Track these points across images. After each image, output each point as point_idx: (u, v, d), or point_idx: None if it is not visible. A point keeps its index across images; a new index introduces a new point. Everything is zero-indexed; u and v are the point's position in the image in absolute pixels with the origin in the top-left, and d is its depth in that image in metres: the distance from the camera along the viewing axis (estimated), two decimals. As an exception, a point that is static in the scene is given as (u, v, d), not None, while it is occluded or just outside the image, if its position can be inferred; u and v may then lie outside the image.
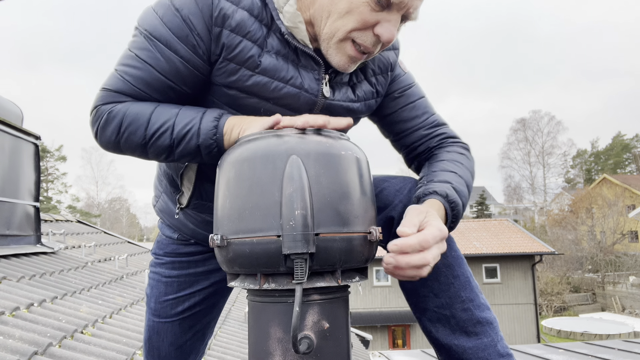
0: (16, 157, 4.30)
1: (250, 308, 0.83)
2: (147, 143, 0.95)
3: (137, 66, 0.95)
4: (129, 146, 0.96)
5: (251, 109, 0.98)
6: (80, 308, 3.10)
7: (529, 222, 42.35)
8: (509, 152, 46.66)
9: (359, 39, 0.92)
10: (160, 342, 1.31)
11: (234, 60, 0.93)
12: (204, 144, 0.93)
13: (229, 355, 3.34)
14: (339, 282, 0.79)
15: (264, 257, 0.75)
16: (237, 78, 0.95)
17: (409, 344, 19.22)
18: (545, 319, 23.74)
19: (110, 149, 0.99)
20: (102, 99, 0.97)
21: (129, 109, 0.95)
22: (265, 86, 0.95)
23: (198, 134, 0.92)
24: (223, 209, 0.81)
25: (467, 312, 1.05)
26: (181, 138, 0.93)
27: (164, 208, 1.28)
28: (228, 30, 0.92)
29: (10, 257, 3.80)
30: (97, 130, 0.97)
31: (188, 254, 1.28)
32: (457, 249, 1.09)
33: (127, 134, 0.94)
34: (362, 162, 0.83)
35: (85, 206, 42.03)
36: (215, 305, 1.36)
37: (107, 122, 0.95)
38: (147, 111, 0.95)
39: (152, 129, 0.93)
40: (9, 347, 2.11)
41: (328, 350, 0.77)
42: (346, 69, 0.98)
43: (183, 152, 0.95)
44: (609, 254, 28.93)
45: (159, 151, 0.96)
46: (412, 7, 0.91)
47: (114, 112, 0.95)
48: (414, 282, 1.07)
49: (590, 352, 4.38)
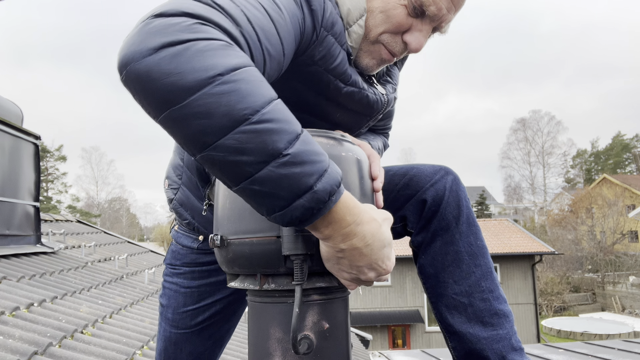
0: (16, 157, 4.30)
1: (250, 308, 0.83)
2: (249, 119, 0.57)
3: (258, 9, 0.70)
4: (217, 102, 0.56)
5: (323, 115, 0.95)
6: (80, 308, 3.10)
7: (529, 222, 42.38)
8: (509, 152, 46.76)
9: (388, 44, 0.90)
10: (177, 353, 1.25)
11: (332, 72, 0.87)
12: (319, 192, 0.61)
13: (229, 356, 3.34)
14: (339, 282, 0.79)
15: (263, 258, 0.76)
16: (330, 89, 0.89)
17: (409, 344, 19.22)
18: (545, 318, 23.75)
19: (170, 82, 0.56)
20: (214, 15, 0.62)
21: (254, 66, 0.62)
22: (351, 96, 0.92)
23: (322, 173, 0.61)
24: (223, 209, 0.81)
25: (485, 302, 1.04)
26: (300, 159, 0.60)
27: (185, 203, 1.12)
28: (333, 38, 0.84)
29: (10, 257, 3.80)
30: (190, 44, 0.57)
31: (208, 262, 1.20)
32: (482, 239, 1.09)
33: (237, 86, 0.57)
34: (363, 164, 0.83)
35: (85, 206, 42.05)
36: (236, 312, 1.29)
37: (225, 52, 0.59)
38: (271, 90, 0.62)
39: (271, 114, 0.59)
40: (9, 347, 2.11)
41: (328, 350, 0.78)
42: (372, 71, 0.97)
43: (284, 179, 0.59)
44: (608, 254, 28.93)
45: (253, 148, 0.57)
46: (445, 21, 0.89)
47: (236, 49, 0.61)
48: (435, 266, 1.06)
49: (590, 352, 4.38)
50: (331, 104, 0.93)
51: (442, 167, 1.09)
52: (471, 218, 1.07)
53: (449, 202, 1.04)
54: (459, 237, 1.05)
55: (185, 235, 1.20)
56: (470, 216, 1.07)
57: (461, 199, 1.06)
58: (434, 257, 1.07)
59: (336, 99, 0.92)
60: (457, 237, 1.05)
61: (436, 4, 0.86)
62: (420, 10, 0.86)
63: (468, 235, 1.06)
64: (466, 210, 1.06)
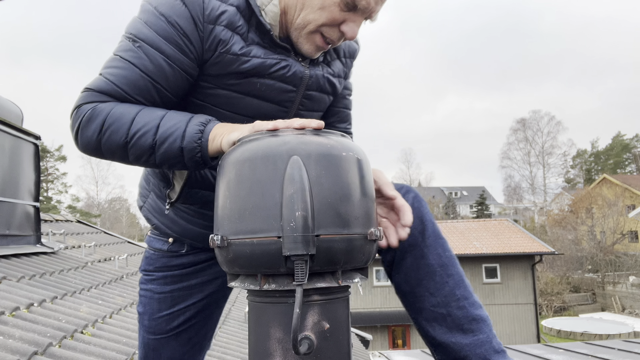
0: (16, 157, 4.30)
1: (251, 308, 0.83)
2: (128, 142, 0.93)
3: (120, 66, 0.98)
4: (109, 146, 0.95)
5: (247, 91, 1.07)
6: (80, 308, 3.10)
7: (528, 222, 42.37)
8: (509, 152, 46.80)
9: (327, 33, 1.05)
10: (157, 359, 1.29)
11: (230, 52, 1.02)
12: (187, 147, 0.92)
13: (229, 356, 3.34)
14: (339, 282, 0.79)
15: (264, 258, 0.75)
16: (236, 65, 1.03)
17: (408, 344, 19.22)
18: (545, 319, 23.74)
19: (89, 149, 0.98)
20: (85, 98, 0.97)
21: (113, 108, 0.95)
22: (261, 64, 1.05)
23: (183, 136, 0.92)
24: (223, 210, 0.80)
25: (462, 309, 1.08)
26: (164, 139, 0.92)
27: (152, 207, 1.26)
28: (221, 26, 1.01)
29: (10, 257, 3.80)
30: (79, 129, 0.96)
31: (179, 265, 1.25)
32: (450, 249, 1.14)
33: (110, 133, 0.94)
34: (363, 163, 0.83)
35: (85, 206, 42.04)
36: (212, 316, 1.34)
37: (90, 119, 0.95)
38: (132, 111, 0.95)
39: (136, 127, 0.93)
40: (9, 347, 2.11)
41: (328, 350, 0.77)
42: (312, 56, 1.11)
43: (165, 154, 0.93)
44: (608, 254, 28.92)
45: (140, 152, 0.94)
46: (374, 12, 1.05)
47: (97, 110, 0.95)
48: (410, 283, 1.11)
49: (590, 352, 4.38)
50: (247, 77, 1.06)
51: (403, 185, 1.14)
52: (437, 231, 1.13)
53: (413, 218, 1.06)
54: (428, 250, 1.10)
55: (157, 238, 1.28)
56: (435, 229, 1.13)
57: (424, 214, 1.11)
58: (407, 273, 1.11)
59: (244, 71, 1.04)
60: (426, 251, 1.10)
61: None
62: (352, 5, 1.01)
63: (436, 247, 1.11)
64: (430, 225, 1.12)
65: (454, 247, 19.26)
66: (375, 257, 0.85)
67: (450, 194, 56.28)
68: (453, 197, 53.37)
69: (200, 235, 1.20)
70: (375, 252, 0.86)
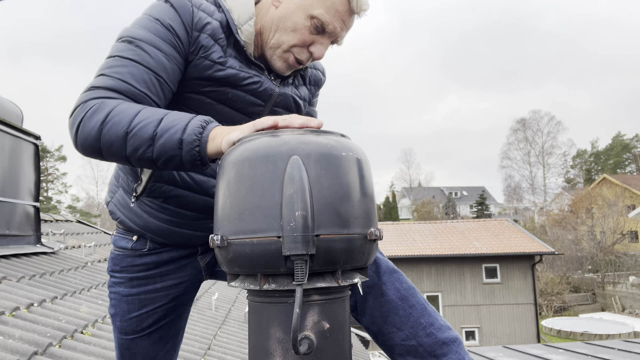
0: (16, 157, 4.30)
1: (251, 308, 0.83)
2: (129, 132, 0.94)
3: (122, 64, 1.03)
4: (109, 136, 0.95)
5: (219, 99, 1.16)
6: (80, 308, 3.10)
7: (528, 222, 42.36)
8: (509, 152, 46.81)
9: (297, 54, 1.16)
10: (132, 357, 1.33)
11: (209, 58, 1.12)
12: (187, 139, 0.93)
13: (229, 356, 3.34)
14: (339, 282, 0.79)
15: (264, 258, 0.76)
16: (212, 71, 1.12)
17: (408, 344, 19.21)
18: (545, 319, 23.74)
19: (88, 141, 0.97)
20: (91, 94, 0.99)
21: (120, 103, 0.98)
22: (235, 75, 1.14)
23: (184, 129, 0.94)
24: (223, 209, 0.80)
25: (430, 336, 1.14)
26: (166, 130, 0.94)
27: (119, 201, 1.30)
28: (205, 34, 1.11)
29: (10, 257, 3.80)
30: (82, 121, 0.97)
31: (143, 265, 1.28)
32: (407, 280, 1.20)
33: (112, 124, 0.95)
34: (363, 163, 0.83)
35: (85, 206, 42.01)
36: (181, 315, 1.38)
37: (95, 111, 0.96)
38: (137, 107, 0.98)
39: (139, 119, 0.95)
40: (9, 347, 2.11)
41: (328, 350, 0.77)
42: (284, 73, 1.21)
43: (164, 146, 0.94)
44: (608, 254, 28.91)
45: (140, 142, 0.94)
46: (339, 37, 1.17)
47: (105, 103, 0.97)
48: (377, 323, 1.17)
49: (590, 352, 4.38)
50: (221, 86, 1.14)
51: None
52: (390, 266, 1.19)
53: None
54: (386, 287, 1.16)
55: (121, 237, 1.31)
56: (388, 265, 1.19)
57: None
58: (372, 314, 1.16)
59: (219, 78, 1.13)
60: (384, 288, 1.16)
61: (333, 24, 1.12)
62: (321, 28, 1.13)
63: (393, 282, 1.17)
64: (383, 262, 1.18)
65: (454, 247, 19.32)
66: (375, 256, 0.85)
67: (450, 194, 56.26)
68: (453, 197, 53.34)
69: (161, 229, 1.23)
70: (376, 251, 0.86)
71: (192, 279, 1.32)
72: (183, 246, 1.27)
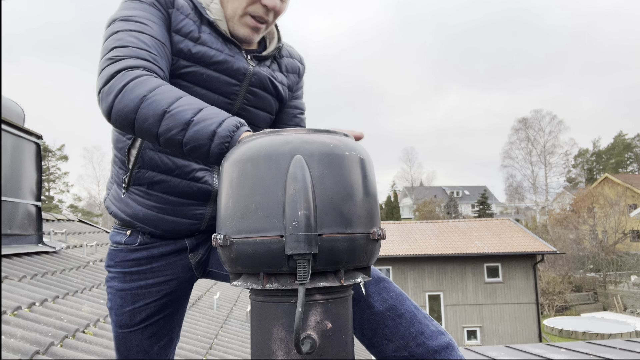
0: (18, 157, 4.31)
1: (253, 308, 0.83)
2: (167, 112, 0.96)
3: (130, 35, 1.07)
4: (147, 111, 0.97)
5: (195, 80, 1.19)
6: (82, 307, 3.10)
7: (530, 221, 42.30)
8: (510, 152, 46.75)
9: (252, 12, 1.20)
10: (128, 351, 1.35)
11: (180, 32, 1.17)
12: (220, 133, 0.94)
13: (230, 355, 3.34)
14: (342, 282, 0.79)
15: (266, 257, 0.75)
16: (182, 47, 1.16)
17: (410, 343, 19.21)
18: (546, 318, 23.72)
19: (124, 112, 0.98)
20: (124, 63, 1.02)
21: (164, 84, 1.01)
22: (206, 54, 1.18)
23: (221, 123, 0.95)
24: (226, 209, 0.80)
25: (422, 346, 1.12)
26: (203, 119, 0.95)
27: (113, 195, 1.32)
28: (175, 9, 1.17)
29: (12, 257, 3.80)
30: (123, 90, 0.98)
31: (135, 261, 1.30)
32: (395, 288, 1.17)
33: (154, 99, 0.97)
34: (366, 163, 0.83)
35: (86, 205, 42.07)
36: (176, 312, 1.39)
37: (138, 84, 0.98)
38: (180, 92, 1.01)
39: (180, 102, 0.97)
40: (10, 347, 2.11)
41: (331, 350, 0.77)
42: (252, 39, 1.25)
43: (197, 133, 0.95)
44: (610, 254, 28.87)
45: (175, 123, 0.96)
46: None
47: (150, 79, 1.00)
48: (367, 335, 1.14)
49: (592, 351, 4.37)
50: (195, 64, 1.18)
51: None
52: (375, 275, 1.15)
53: None
54: (372, 299, 1.13)
55: (117, 232, 1.33)
56: (373, 274, 1.14)
57: None
58: (361, 327, 1.14)
59: (191, 56, 1.17)
60: (371, 300, 1.13)
61: None
62: None
63: (379, 292, 1.14)
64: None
65: (456, 246, 19.31)
66: (378, 255, 0.85)
67: (452, 193, 56.22)
68: (455, 197, 53.28)
69: (149, 217, 1.26)
70: (379, 251, 0.86)
71: (183, 276, 1.33)
72: (171, 237, 1.29)
